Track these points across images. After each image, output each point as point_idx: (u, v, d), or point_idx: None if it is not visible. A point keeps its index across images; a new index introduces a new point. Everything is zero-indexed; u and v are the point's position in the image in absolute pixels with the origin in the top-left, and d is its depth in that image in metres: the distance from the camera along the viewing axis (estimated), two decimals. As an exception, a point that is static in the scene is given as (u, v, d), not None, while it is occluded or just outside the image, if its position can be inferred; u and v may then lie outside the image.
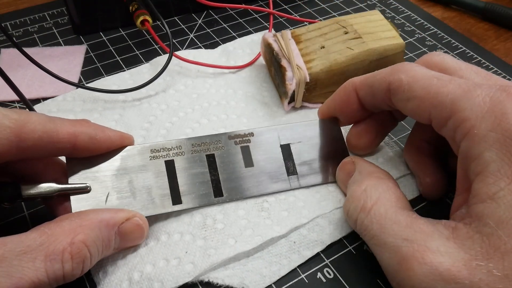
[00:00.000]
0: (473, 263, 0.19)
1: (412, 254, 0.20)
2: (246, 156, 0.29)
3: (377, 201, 0.23)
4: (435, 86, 0.23)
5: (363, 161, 0.28)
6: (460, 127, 0.22)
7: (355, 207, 0.24)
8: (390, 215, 0.23)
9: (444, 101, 0.22)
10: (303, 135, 0.30)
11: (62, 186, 0.25)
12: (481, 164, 0.20)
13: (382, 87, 0.26)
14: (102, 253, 0.23)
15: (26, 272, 0.20)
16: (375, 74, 0.26)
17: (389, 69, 0.26)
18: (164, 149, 0.28)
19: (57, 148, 0.24)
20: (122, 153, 0.27)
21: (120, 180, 0.26)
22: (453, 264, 0.19)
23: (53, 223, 0.22)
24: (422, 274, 0.20)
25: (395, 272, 0.21)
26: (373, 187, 0.24)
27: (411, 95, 0.24)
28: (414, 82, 0.24)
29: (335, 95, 0.29)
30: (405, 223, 0.22)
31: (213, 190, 0.27)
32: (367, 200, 0.24)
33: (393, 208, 0.23)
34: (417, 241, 0.21)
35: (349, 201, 0.25)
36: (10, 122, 0.22)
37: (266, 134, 0.30)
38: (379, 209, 0.23)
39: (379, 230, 0.22)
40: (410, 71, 0.24)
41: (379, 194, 0.24)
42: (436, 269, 0.19)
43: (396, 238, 0.21)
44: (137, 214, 0.25)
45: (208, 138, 0.29)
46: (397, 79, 0.25)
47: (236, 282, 0.25)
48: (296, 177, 0.29)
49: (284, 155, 0.29)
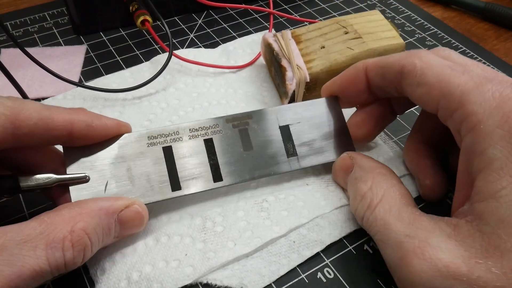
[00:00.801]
0: (472, 261, 0.19)
1: (412, 249, 0.21)
2: (244, 140, 0.28)
3: (382, 198, 0.24)
4: (447, 75, 0.23)
5: (362, 156, 0.28)
6: (466, 120, 0.21)
7: (362, 205, 0.24)
8: (393, 212, 0.23)
9: (454, 91, 0.22)
10: (302, 116, 0.30)
11: (60, 176, 0.25)
12: (485, 160, 0.20)
13: (394, 69, 0.25)
14: (102, 241, 0.23)
15: (27, 261, 0.20)
16: (389, 57, 0.26)
17: (404, 53, 0.26)
18: (162, 135, 0.27)
19: (53, 136, 0.24)
20: (119, 141, 0.27)
21: (119, 168, 0.26)
22: (452, 260, 0.19)
23: (52, 212, 0.22)
24: (421, 270, 0.20)
25: (396, 267, 0.22)
26: (378, 185, 0.25)
27: (422, 80, 0.24)
28: (428, 68, 0.24)
29: (344, 73, 0.29)
30: (408, 220, 0.22)
31: (212, 175, 0.27)
32: (373, 198, 0.24)
33: (397, 205, 0.23)
34: (418, 237, 0.21)
35: (356, 200, 0.25)
36: (5, 109, 0.22)
37: (264, 116, 0.29)
38: (384, 206, 0.23)
39: (383, 226, 0.23)
40: (424, 57, 0.24)
41: (384, 192, 0.24)
42: (435, 265, 0.20)
43: (398, 234, 0.22)
44: (136, 201, 0.25)
45: (205, 122, 0.28)
46: (411, 63, 0.24)
47: (235, 282, 0.25)
48: (296, 158, 0.29)
49: (283, 137, 0.29)
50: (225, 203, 0.28)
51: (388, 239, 0.22)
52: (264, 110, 0.29)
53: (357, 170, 0.26)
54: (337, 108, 0.30)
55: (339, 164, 0.28)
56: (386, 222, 0.23)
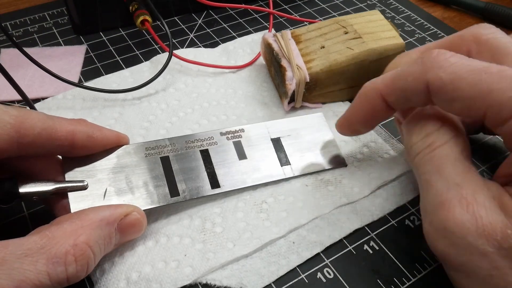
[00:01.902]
0: (509, 231, 0.20)
1: (458, 199, 0.21)
2: (239, 150, 0.30)
3: (446, 142, 0.23)
4: (485, 83, 0.21)
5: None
6: None
7: (423, 142, 0.23)
8: (451, 159, 0.22)
9: (502, 99, 0.21)
10: (291, 129, 0.32)
11: (59, 184, 0.25)
12: None
13: (418, 90, 0.23)
14: (104, 251, 0.23)
15: (28, 275, 0.20)
16: (405, 76, 0.24)
17: (420, 65, 0.23)
18: (158, 146, 0.28)
19: (55, 146, 0.24)
20: (117, 152, 0.27)
21: (117, 176, 0.26)
22: (492, 222, 0.20)
23: (53, 226, 0.22)
24: (460, 219, 0.20)
25: (434, 210, 0.22)
26: (447, 129, 0.23)
27: (458, 95, 0.22)
28: (459, 81, 0.21)
29: (356, 106, 0.27)
30: (461, 170, 0.22)
31: (210, 182, 0.28)
32: (437, 139, 0.23)
33: (457, 154, 0.23)
34: (467, 189, 0.21)
35: (418, 135, 0.24)
36: (10, 118, 0.22)
37: (256, 130, 0.31)
38: (445, 149, 0.23)
39: (436, 168, 0.22)
40: (448, 67, 0.22)
41: (450, 138, 0.23)
42: (475, 221, 0.20)
43: (448, 180, 0.22)
44: (135, 208, 0.25)
45: (201, 135, 0.30)
46: (436, 79, 0.22)
47: (234, 282, 0.25)
48: (290, 167, 0.30)
49: (275, 148, 0.30)
50: (224, 204, 0.28)
51: (437, 181, 0.22)
52: (256, 125, 0.31)
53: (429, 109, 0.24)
54: (324, 122, 0.32)
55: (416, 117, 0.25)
56: (441, 164, 0.22)
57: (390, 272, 0.26)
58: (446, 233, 0.21)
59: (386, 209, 0.29)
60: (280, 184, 0.29)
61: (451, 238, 0.21)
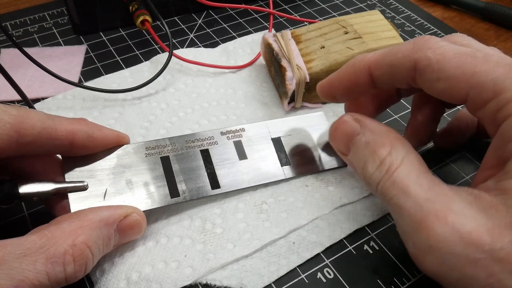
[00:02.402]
0: (496, 231, 0.19)
1: (434, 213, 0.20)
2: (239, 150, 0.29)
3: (401, 162, 0.23)
4: (470, 65, 0.21)
5: (369, 119, 0.26)
6: (504, 107, 0.21)
7: (380, 171, 0.23)
8: (413, 177, 0.22)
9: (483, 82, 0.21)
10: (292, 129, 0.31)
11: (59, 184, 0.25)
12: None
13: (405, 66, 0.23)
14: (103, 251, 0.23)
15: (27, 275, 0.20)
16: (394, 52, 0.24)
17: (410, 45, 0.23)
18: (159, 146, 0.28)
19: (55, 145, 0.24)
20: (118, 151, 0.27)
21: (117, 177, 0.26)
22: (476, 228, 0.19)
23: (53, 225, 0.22)
24: (442, 234, 0.19)
25: (413, 231, 0.21)
26: (397, 150, 0.23)
27: (442, 75, 0.22)
28: (445, 61, 0.22)
29: (342, 73, 0.27)
30: (427, 186, 0.21)
31: (210, 182, 0.28)
32: (392, 163, 0.23)
33: (416, 171, 0.22)
34: (439, 202, 0.20)
35: (372, 165, 0.23)
36: (9, 117, 0.22)
37: (256, 129, 0.31)
38: (403, 170, 0.22)
39: (401, 190, 0.22)
40: (437, 48, 0.22)
41: (404, 156, 0.23)
42: (458, 231, 0.19)
43: (417, 198, 0.21)
44: (135, 210, 0.25)
45: (201, 134, 0.30)
46: (424, 58, 0.22)
47: (234, 282, 0.25)
48: (290, 167, 0.30)
49: (276, 148, 0.30)
50: (224, 205, 0.28)
51: (406, 203, 0.21)
52: (256, 124, 0.31)
53: (367, 134, 0.24)
54: (324, 122, 0.32)
55: (341, 128, 0.26)
56: (404, 185, 0.22)
57: (390, 272, 0.26)
58: (433, 252, 0.20)
59: (386, 209, 0.29)
60: (280, 185, 0.29)
61: (439, 256, 0.20)
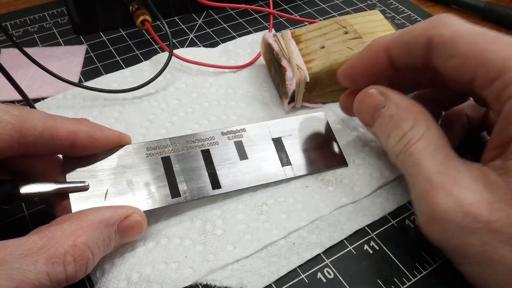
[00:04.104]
0: (494, 205, 0.20)
1: (441, 185, 0.22)
2: (240, 150, 0.29)
3: (421, 137, 0.24)
4: (481, 43, 0.22)
5: (394, 92, 0.26)
6: (508, 87, 0.21)
7: (400, 143, 0.24)
8: (429, 150, 0.23)
9: (492, 59, 0.22)
10: (293, 129, 0.31)
11: (60, 185, 0.25)
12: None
13: (421, 43, 0.24)
14: (103, 252, 0.23)
15: (28, 275, 0.20)
16: (410, 30, 0.25)
17: (426, 23, 0.24)
18: (160, 146, 0.28)
19: (56, 145, 0.24)
20: (119, 152, 0.27)
21: (118, 177, 0.26)
22: (476, 201, 0.21)
23: (53, 226, 0.22)
24: (445, 204, 0.21)
25: (421, 199, 0.22)
26: (419, 124, 0.24)
27: (455, 51, 0.23)
28: (459, 37, 0.23)
29: (361, 55, 0.27)
30: (441, 159, 0.23)
31: (211, 182, 0.28)
32: (413, 137, 0.24)
33: (434, 144, 0.23)
34: (448, 175, 0.22)
35: (394, 138, 0.24)
36: (11, 118, 0.22)
37: (257, 129, 0.31)
38: (422, 143, 0.23)
39: (416, 162, 0.23)
40: (452, 25, 0.23)
41: (424, 131, 0.24)
42: (460, 203, 0.21)
43: (429, 170, 0.22)
44: (136, 210, 0.25)
45: (202, 134, 0.30)
46: (439, 34, 0.23)
47: (234, 282, 0.25)
48: (291, 167, 0.30)
49: (276, 148, 0.30)
50: (224, 206, 0.28)
51: (419, 173, 0.23)
52: (257, 124, 0.31)
53: (392, 107, 0.25)
54: (325, 122, 0.32)
55: (367, 101, 0.26)
56: (420, 158, 0.23)
57: (390, 272, 0.26)
58: (435, 220, 0.22)
59: (387, 209, 0.29)
60: (280, 186, 0.29)
61: (441, 224, 0.22)
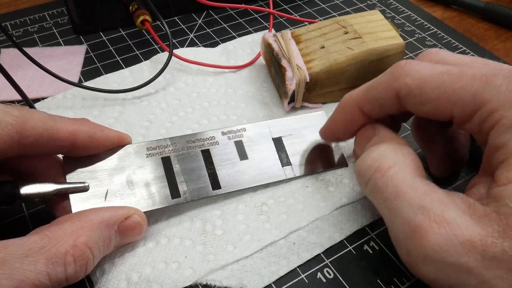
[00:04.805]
0: (488, 240, 0.19)
1: (428, 223, 0.20)
2: (240, 150, 0.29)
3: (395, 164, 0.23)
4: (448, 84, 0.22)
5: (385, 127, 0.26)
6: (488, 119, 0.21)
7: (369, 166, 0.23)
8: (407, 180, 0.22)
9: (464, 97, 0.21)
10: (293, 128, 0.31)
11: (61, 185, 0.25)
12: (506, 152, 0.20)
13: (388, 97, 0.24)
14: (103, 252, 0.23)
15: (28, 275, 0.20)
16: (376, 85, 0.25)
17: (389, 75, 0.24)
18: (160, 146, 0.28)
19: (57, 146, 0.24)
20: (119, 152, 0.27)
21: (118, 178, 0.26)
22: (469, 237, 0.19)
23: (54, 226, 0.22)
24: (436, 243, 0.20)
25: (406, 239, 0.21)
26: (393, 150, 0.23)
27: (425, 98, 0.23)
28: (424, 85, 0.23)
29: (336, 116, 0.28)
30: (422, 190, 0.21)
31: (211, 183, 0.28)
32: (384, 161, 0.23)
33: (411, 174, 0.22)
34: (434, 210, 0.20)
35: (363, 160, 0.24)
36: (11, 118, 0.22)
37: (257, 129, 0.31)
38: (397, 172, 0.22)
39: (395, 193, 0.22)
40: (414, 73, 0.23)
41: (398, 159, 0.23)
42: (451, 241, 0.19)
43: (412, 204, 0.21)
44: (136, 211, 0.25)
45: (202, 134, 0.29)
46: (403, 85, 0.23)
47: (234, 283, 0.25)
48: (291, 167, 0.30)
49: (277, 148, 0.30)
50: (224, 206, 0.28)
51: (399, 208, 0.21)
52: (257, 124, 0.31)
53: (376, 138, 0.25)
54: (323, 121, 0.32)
55: (361, 133, 0.27)
56: (398, 189, 0.22)
57: (390, 272, 0.26)
58: (427, 260, 0.20)
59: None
60: (280, 186, 0.29)
61: (434, 264, 0.20)
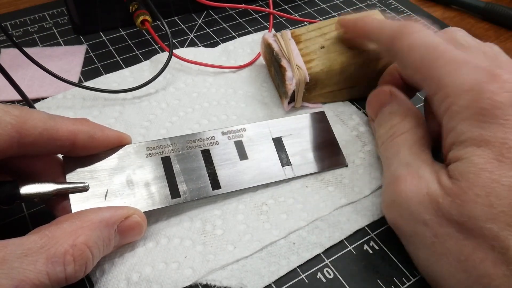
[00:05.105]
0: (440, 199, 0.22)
1: (405, 175, 0.24)
2: (240, 150, 0.29)
3: (405, 132, 0.26)
4: (428, 59, 0.25)
5: (402, 95, 0.29)
6: (443, 102, 0.24)
7: (387, 133, 0.27)
8: (408, 144, 0.26)
9: (433, 76, 0.24)
10: (293, 128, 0.31)
11: (60, 185, 0.25)
12: (455, 136, 0.23)
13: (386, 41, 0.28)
14: (103, 252, 0.23)
15: (28, 275, 0.20)
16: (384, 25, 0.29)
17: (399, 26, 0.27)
18: (160, 146, 0.28)
19: (56, 146, 0.24)
20: (119, 152, 0.27)
21: (118, 178, 0.26)
22: (430, 193, 0.23)
23: (53, 226, 0.22)
24: (405, 192, 0.23)
25: (387, 186, 0.25)
26: (409, 121, 0.27)
27: (407, 63, 0.26)
28: (412, 50, 0.25)
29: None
30: (414, 153, 0.25)
31: (211, 183, 0.28)
32: (399, 130, 0.27)
33: (414, 140, 0.26)
34: (414, 167, 0.24)
35: (384, 128, 0.28)
36: (11, 118, 0.22)
37: (257, 129, 0.31)
38: (403, 138, 0.26)
39: (394, 152, 0.26)
40: (411, 34, 0.26)
41: (410, 127, 0.26)
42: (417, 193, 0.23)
43: (401, 161, 0.25)
44: (136, 211, 0.25)
45: (202, 134, 0.29)
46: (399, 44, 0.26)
47: (234, 282, 0.25)
48: (291, 167, 0.30)
49: (277, 148, 0.30)
50: (224, 206, 0.28)
51: (392, 164, 0.26)
52: (257, 124, 0.31)
53: (394, 106, 0.28)
54: (326, 121, 0.32)
55: (376, 97, 0.30)
56: (398, 149, 0.26)
57: (390, 272, 0.26)
58: (395, 205, 0.24)
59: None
60: (280, 186, 0.29)
61: (399, 210, 0.24)
